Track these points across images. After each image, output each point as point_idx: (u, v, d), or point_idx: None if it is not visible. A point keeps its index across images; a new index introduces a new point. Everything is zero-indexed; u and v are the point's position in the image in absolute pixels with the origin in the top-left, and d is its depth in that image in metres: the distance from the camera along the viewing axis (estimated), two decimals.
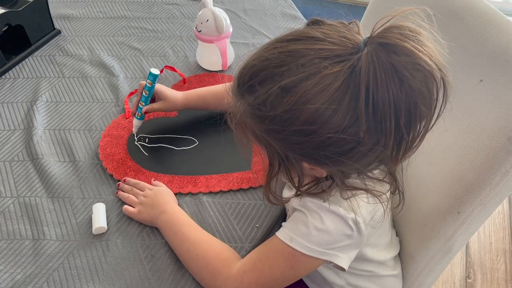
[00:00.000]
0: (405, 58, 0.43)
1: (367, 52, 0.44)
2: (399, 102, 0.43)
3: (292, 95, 0.45)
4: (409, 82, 0.43)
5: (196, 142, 0.84)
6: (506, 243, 1.47)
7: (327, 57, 0.45)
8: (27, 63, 1.01)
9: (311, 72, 0.45)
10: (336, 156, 0.48)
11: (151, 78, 0.78)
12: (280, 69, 0.46)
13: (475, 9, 0.67)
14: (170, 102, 0.82)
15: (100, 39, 1.08)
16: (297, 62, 0.46)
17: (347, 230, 0.55)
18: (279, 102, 0.46)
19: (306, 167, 0.52)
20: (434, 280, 0.76)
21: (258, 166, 0.79)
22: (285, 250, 0.57)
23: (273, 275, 0.59)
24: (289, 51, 0.47)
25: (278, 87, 0.46)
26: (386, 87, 0.43)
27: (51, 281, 0.65)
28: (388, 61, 0.43)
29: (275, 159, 0.53)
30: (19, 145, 0.84)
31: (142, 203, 0.72)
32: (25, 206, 0.74)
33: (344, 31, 0.47)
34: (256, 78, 0.48)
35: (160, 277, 0.65)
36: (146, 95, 0.79)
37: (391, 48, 0.43)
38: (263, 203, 0.75)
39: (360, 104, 0.44)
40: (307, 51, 0.46)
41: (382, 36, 0.44)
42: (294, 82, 0.45)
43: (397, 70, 0.43)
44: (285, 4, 1.20)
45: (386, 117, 0.44)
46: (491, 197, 0.61)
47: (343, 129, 0.45)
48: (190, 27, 1.13)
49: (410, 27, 0.44)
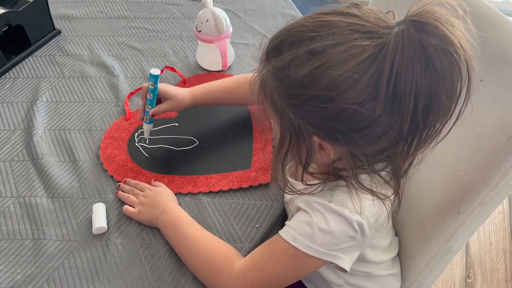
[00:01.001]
0: (435, 39, 0.42)
1: (398, 29, 0.44)
2: (420, 84, 0.43)
3: (317, 59, 0.46)
4: (434, 64, 0.43)
5: (196, 142, 0.84)
6: (506, 243, 1.47)
7: (359, 30, 0.46)
8: (27, 63, 1.02)
9: (340, 41, 0.45)
10: (349, 132, 0.48)
11: (152, 79, 0.75)
12: (311, 34, 0.47)
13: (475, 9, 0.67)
14: (177, 101, 0.79)
15: (100, 39, 1.08)
16: (329, 31, 0.46)
17: (351, 232, 0.55)
18: (303, 64, 0.46)
19: (316, 142, 0.51)
20: (434, 280, 0.76)
21: (258, 165, 0.79)
22: (288, 249, 0.57)
23: (276, 274, 0.59)
24: (323, 21, 0.48)
25: (305, 50, 0.46)
26: (411, 64, 0.43)
27: (51, 281, 0.65)
28: (418, 38, 0.43)
29: (287, 132, 0.53)
30: (19, 145, 0.84)
31: (142, 203, 0.72)
32: (25, 206, 0.74)
33: (381, 15, 0.48)
34: (285, 42, 0.49)
35: (160, 277, 0.65)
36: (150, 97, 0.77)
37: (424, 26, 0.43)
38: (263, 203, 0.75)
39: (382, 79, 0.44)
40: (340, 23, 0.47)
41: (415, 15, 0.44)
42: (321, 47, 0.46)
43: (425, 48, 0.42)
44: (285, 4, 1.20)
45: (406, 97, 0.44)
46: (491, 197, 0.61)
47: (361, 102, 0.45)
48: (190, 27, 1.13)
49: (445, 14, 0.44)
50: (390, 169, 0.56)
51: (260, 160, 0.80)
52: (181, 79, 0.97)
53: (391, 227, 0.72)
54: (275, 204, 0.75)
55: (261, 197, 0.76)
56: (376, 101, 0.45)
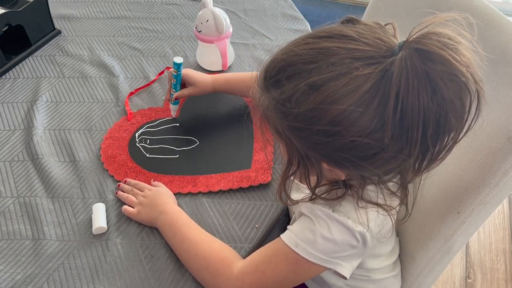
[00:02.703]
0: (441, 67, 0.41)
1: (401, 57, 0.42)
2: (428, 112, 0.42)
3: (319, 93, 0.44)
4: (442, 92, 0.41)
5: (196, 142, 0.84)
6: (506, 243, 1.47)
7: (359, 58, 0.44)
8: (27, 63, 1.02)
9: (341, 72, 0.44)
10: (358, 160, 0.47)
11: (175, 67, 0.82)
12: (309, 65, 0.45)
13: (475, 9, 0.67)
14: (200, 86, 0.85)
15: (100, 39, 1.08)
16: (327, 60, 0.44)
17: (353, 242, 0.55)
18: (305, 99, 0.45)
19: (326, 168, 0.51)
20: (434, 280, 0.76)
21: (258, 165, 0.79)
22: (289, 254, 0.57)
23: (275, 278, 0.59)
24: (320, 48, 0.45)
25: (305, 84, 0.45)
26: (417, 95, 0.41)
27: (51, 281, 0.65)
28: (422, 68, 0.41)
29: (294, 156, 0.52)
30: (19, 145, 0.84)
31: (141, 203, 0.72)
32: (25, 206, 0.74)
33: (379, 32, 0.46)
34: (283, 72, 0.47)
35: (160, 277, 0.65)
36: (174, 82, 0.83)
37: (427, 55, 0.41)
38: (263, 204, 0.75)
39: (388, 109, 0.42)
40: (338, 50, 0.45)
41: (419, 41, 0.42)
42: (322, 80, 0.44)
43: (431, 78, 0.41)
44: (285, 4, 1.20)
45: (414, 126, 0.42)
46: (491, 197, 0.61)
47: (368, 133, 0.44)
48: (190, 27, 1.13)
49: (450, 35, 0.42)
50: (398, 178, 0.55)
51: (260, 160, 0.80)
52: None
53: (394, 234, 0.72)
54: (275, 204, 0.75)
55: (261, 197, 0.76)
56: (383, 130, 0.44)
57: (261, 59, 1.02)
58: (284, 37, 1.09)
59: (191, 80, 0.84)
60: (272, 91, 0.49)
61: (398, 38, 0.46)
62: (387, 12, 0.83)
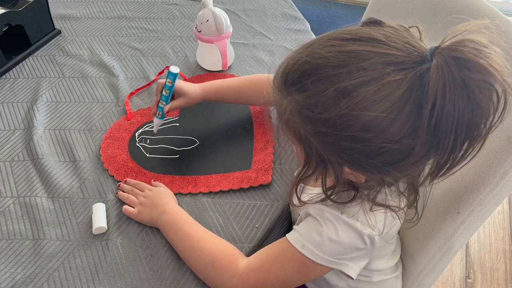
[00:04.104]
0: (478, 75, 0.40)
1: (436, 64, 0.41)
2: (462, 119, 0.41)
3: (350, 99, 0.43)
4: (477, 100, 0.41)
5: (197, 142, 0.84)
6: (506, 243, 1.47)
7: (391, 63, 0.42)
8: (27, 63, 1.02)
9: (372, 77, 0.42)
10: (383, 166, 0.46)
11: (171, 77, 0.76)
12: (339, 70, 0.43)
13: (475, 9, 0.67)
14: (191, 97, 0.79)
15: (100, 39, 1.09)
16: (358, 64, 0.43)
17: (361, 244, 0.55)
18: (334, 105, 0.44)
19: (347, 171, 0.50)
20: (434, 280, 0.76)
21: (258, 165, 0.79)
22: (296, 255, 0.57)
23: (280, 278, 0.59)
24: (349, 51, 0.44)
25: (335, 88, 0.43)
26: (453, 102, 0.40)
27: (51, 281, 0.65)
28: (459, 76, 0.40)
29: (312, 160, 0.51)
30: (19, 145, 0.84)
31: (142, 203, 0.72)
32: (25, 206, 0.74)
33: (407, 36, 0.45)
34: (308, 76, 0.45)
35: (160, 277, 0.65)
36: (166, 94, 0.77)
37: (464, 63, 0.40)
38: (263, 204, 0.75)
39: (423, 117, 0.42)
40: (369, 54, 0.43)
41: (455, 49, 0.41)
42: (353, 86, 0.43)
43: (468, 86, 0.40)
44: (285, 4, 1.20)
45: (447, 133, 0.42)
46: (491, 197, 0.61)
47: (398, 139, 0.43)
48: (190, 27, 1.13)
49: (485, 42, 0.41)
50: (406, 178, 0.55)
51: (260, 161, 0.80)
52: (182, 79, 0.97)
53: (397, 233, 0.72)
54: (275, 204, 0.75)
55: (261, 197, 0.76)
56: (415, 136, 0.43)
57: (261, 59, 1.02)
58: (284, 37, 1.09)
59: (181, 91, 0.79)
60: (294, 94, 0.47)
61: (425, 42, 0.46)
62: (387, 12, 0.83)
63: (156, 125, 0.81)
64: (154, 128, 0.81)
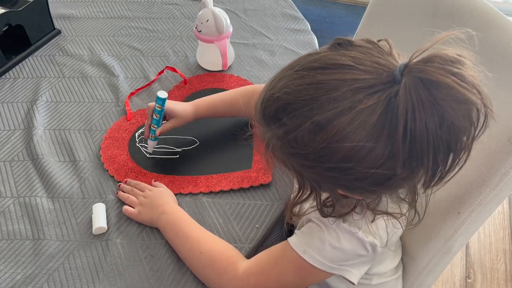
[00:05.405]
0: (448, 94, 0.39)
1: (404, 87, 0.40)
2: (437, 137, 0.41)
3: (325, 132, 0.43)
4: (451, 119, 0.40)
5: (197, 142, 0.84)
6: (506, 243, 1.47)
7: (361, 88, 0.42)
8: (27, 63, 1.02)
9: (344, 107, 0.42)
10: (373, 187, 0.46)
11: (159, 102, 0.75)
12: (311, 104, 0.43)
13: (475, 9, 0.67)
14: (182, 117, 0.79)
15: (100, 39, 1.08)
16: (328, 95, 0.43)
17: (363, 251, 0.55)
18: (312, 139, 0.44)
19: (341, 193, 0.50)
20: (434, 280, 0.76)
21: (259, 165, 0.79)
22: (297, 260, 0.57)
23: (280, 282, 0.59)
24: (318, 82, 0.44)
25: (310, 123, 0.43)
26: (425, 124, 0.40)
27: (51, 281, 0.65)
28: (428, 98, 0.40)
29: (306, 185, 0.51)
30: (19, 145, 0.84)
31: (142, 203, 0.72)
32: (25, 206, 0.74)
33: (376, 54, 0.44)
34: (283, 112, 0.45)
35: (160, 277, 0.65)
36: (157, 118, 0.77)
37: (433, 84, 0.40)
38: (263, 204, 0.75)
39: (398, 140, 0.41)
40: (338, 83, 0.43)
41: (422, 69, 0.40)
42: (327, 119, 0.43)
43: (438, 106, 0.40)
44: (285, 4, 1.20)
45: (424, 152, 0.42)
46: (491, 197, 0.61)
47: (380, 164, 0.43)
48: (190, 27, 1.13)
49: (452, 57, 0.41)
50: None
51: (261, 160, 0.80)
52: (182, 79, 0.97)
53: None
54: (275, 204, 0.75)
55: (262, 197, 0.76)
56: (395, 160, 0.43)
57: (261, 59, 1.02)
58: (284, 37, 1.09)
59: (172, 113, 0.79)
60: (274, 128, 0.47)
61: (395, 55, 0.45)
62: (387, 12, 0.83)
63: (150, 146, 0.81)
64: (149, 149, 0.81)
